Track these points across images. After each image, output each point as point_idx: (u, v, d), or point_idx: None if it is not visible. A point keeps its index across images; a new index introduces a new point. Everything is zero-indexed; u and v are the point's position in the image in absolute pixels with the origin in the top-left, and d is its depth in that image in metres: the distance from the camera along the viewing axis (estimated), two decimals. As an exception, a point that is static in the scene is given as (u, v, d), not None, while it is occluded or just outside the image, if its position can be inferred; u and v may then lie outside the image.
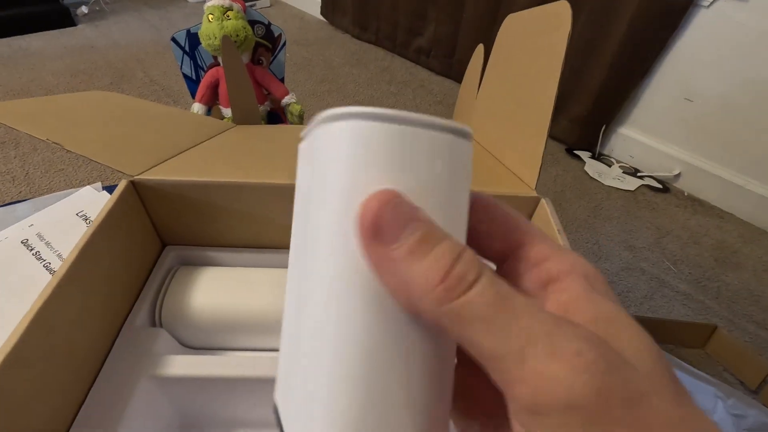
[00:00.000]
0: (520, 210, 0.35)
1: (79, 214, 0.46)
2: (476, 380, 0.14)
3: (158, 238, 0.39)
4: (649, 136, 1.07)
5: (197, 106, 0.71)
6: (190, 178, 0.35)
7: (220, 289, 0.36)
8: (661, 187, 1.03)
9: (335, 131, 0.12)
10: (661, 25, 0.92)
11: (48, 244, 0.42)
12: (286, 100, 0.73)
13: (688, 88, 0.96)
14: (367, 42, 1.71)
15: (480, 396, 0.14)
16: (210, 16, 0.63)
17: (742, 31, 0.85)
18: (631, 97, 1.05)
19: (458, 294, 0.10)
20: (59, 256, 0.41)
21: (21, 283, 0.38)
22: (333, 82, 1.40)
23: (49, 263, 0.40)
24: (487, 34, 1.23)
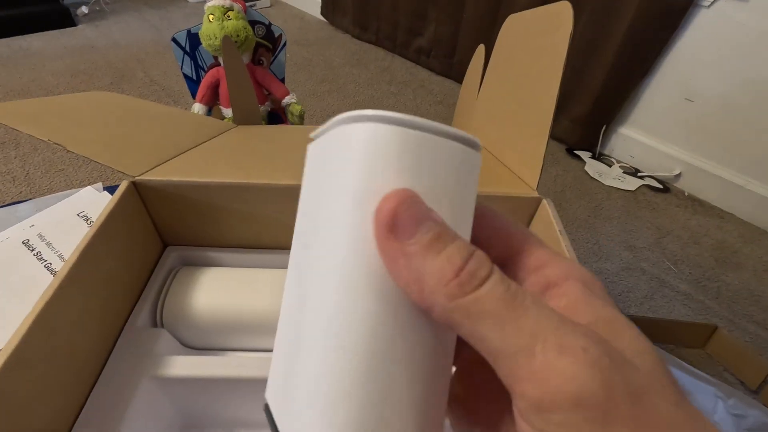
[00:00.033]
0: (521, 210, 0.36)
1: (80, 215, 0.46)
2: (478, 386, 0.14)
3: (159, 238, 0.39)
4: (650, 136, 1.07)
5: (198, 107, 0.71)
6: (191, 179, 0.35)
7: (222, 289, 0.36)
8: (661, 187, 1.03)
9: (354, 132, 0.12)
10: (661, 25, 0.92)
11: (49, 244, 0.42)
12: (287, 100, 0.73)
13: (689, 88, 0.96)
14: (367, 42, 1.71)
15: (481, 402, 0.14)
16: (210, 17, 0.63)
17: (742, 31, 0.85)
18: (632, 97, 1.05)
19: (470, 290, 0.10)
20: (60, 256, 0.41)
21: (22, 283, 0.38)
22: (333, 83, 1.40)
23: (50, 263, 0.40)
24: (487, 35, 1.23)
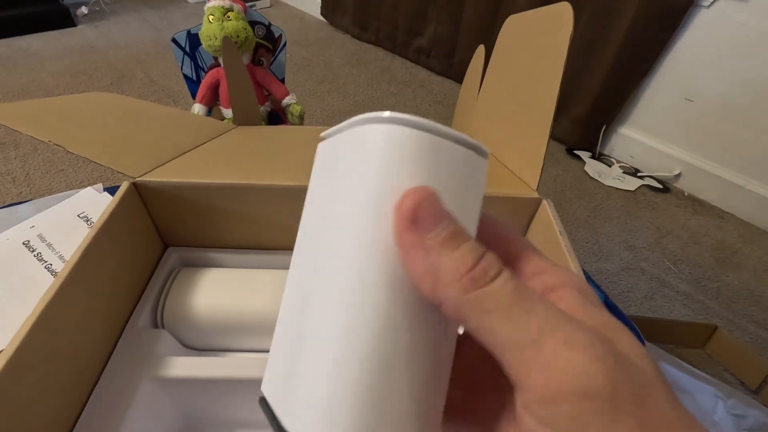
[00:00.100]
0: (521, 211, 0.36)
1: (81, 216, 0.45)
2: (472, 388, 0.14)
3: (160, 239, 0.39)
4: (650, 136, 1.07)
5: (198, 107, 0.71)
6: (191, 180, 0.35)
7: (222, 290, 0.36)
8: (661, 187, 1.04)
9: (372, 133, 0.12)
10: (661, 25, 0.92)
11: (49, 245, 0.42)
12: (287, 100, 0.73)
13: (689, 88, 0.96)
14: (367, 42, 1.71)
15: (477, 403, 0.14)
16: (210, 17, 0.63)
17: (742, 31, 0.85)
18: (632, 97, 1.05)
19: (482, 284, 0.11)
20: (61, 257, 0.41)
21: (22, 284, 0.38)
22: (333, 83, 1.40)
23: (51, 264, 0.40)
24: (487, 35, 1.23)
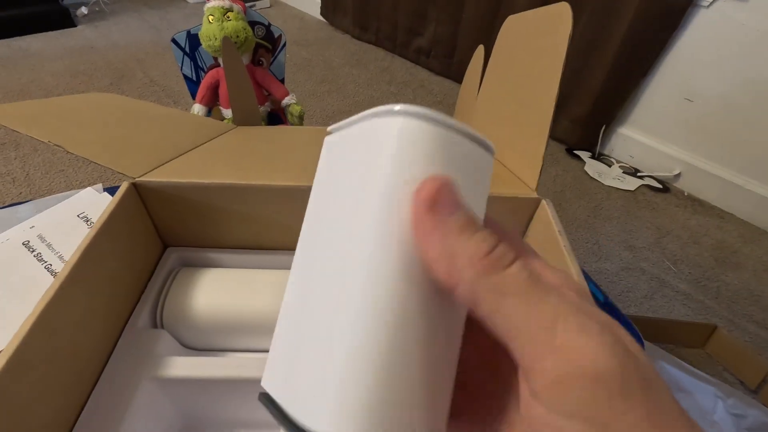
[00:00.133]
0: (520, 211, 0.36)
1: (80, 216, 0.45)
2: (472, 393, 0.14)
3: (159, 239, 0.39)
4: (649, 136, 1.07)
5: (197, 107, 0.71)
6: (191, 180, 0.35)
7: (222, 290, 0.36)
8: (661, 187, 1.04)
9: (386, 125, 0.13)
10: (661, 25, 0.92)
11: (49, 245, 0.42)
12: (287, 100, 0.73)
13: (688, 88, 0.96)
14: (367, 42, 1.71)
15: (477, 405, 0.14)
16: (210, 17, 0.63)
17: (742, 31, 0.85)
18: (631, 97, 1.05)
19: (499, 269, 0.11)
20: (60, 257, 0.41)
21: (22, 284, 0.38)
22: (333, 83, 1.40)
23: (51, 265, 0.40)
24: (487, 35, 1.23)
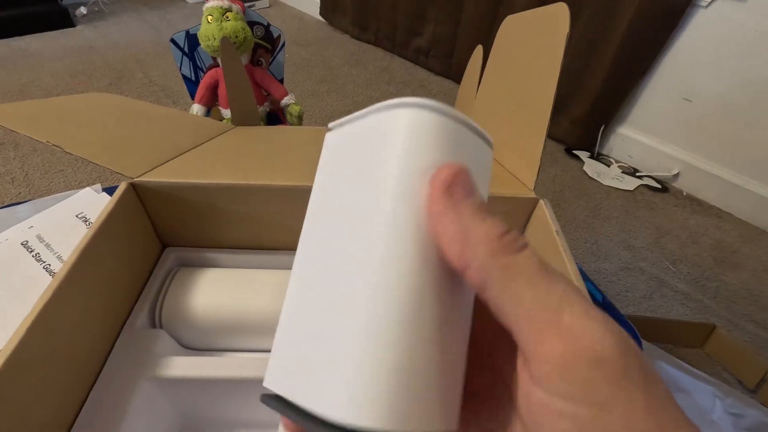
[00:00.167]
0: (518, 211, 0.36)
1: (79, 216, 0.45)
2: (467, 383, 0.14)
3: (158, 239, 0.39)
4: (648, 136, 1.07)
5: (196, 107, 0.71)
6: (190, 180, 0.35)
7: (220, 290, 0.36)
8: (660, 186, 1.04)
9: (397, 117, 0.13)
10: (660, 25, 0.92)
11: (48, 245, 0.42)
12: (286, 100, 0.73)
13: (687, 88, 0.96)
14: (366, 42, 1.71)
15: (480, 404, 0.14)
16: (209, 17, 0.63)
17: (741, 31, 0.85)
18: (630, 97, 1.05)
19: (512, 251, 0.12)
20: (59, 257, 0.41)
21: (21, 284, 0.38)
22: (332, 83, 1.40)
23: (49, 265, 0.40)
24: (486, 35, 1.23)
